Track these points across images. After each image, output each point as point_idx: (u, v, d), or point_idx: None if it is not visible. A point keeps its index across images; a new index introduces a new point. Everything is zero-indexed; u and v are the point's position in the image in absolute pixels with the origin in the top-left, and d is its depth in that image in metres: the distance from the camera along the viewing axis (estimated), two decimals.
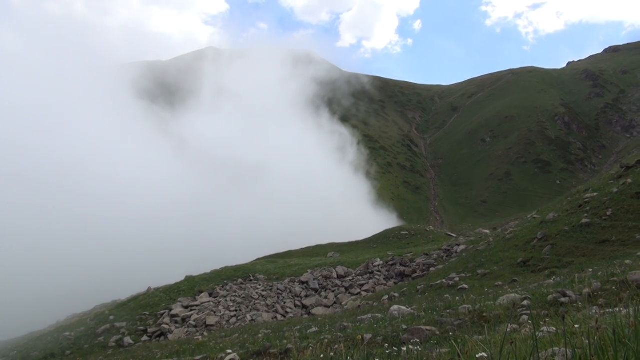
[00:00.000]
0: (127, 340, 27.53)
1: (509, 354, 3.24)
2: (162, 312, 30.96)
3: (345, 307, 28.69)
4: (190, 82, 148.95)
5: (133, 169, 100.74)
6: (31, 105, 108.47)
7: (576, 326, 4.22)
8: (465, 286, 19.96)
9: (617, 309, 6.25)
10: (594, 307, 7.13)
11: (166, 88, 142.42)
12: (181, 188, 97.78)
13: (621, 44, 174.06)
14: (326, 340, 9.88)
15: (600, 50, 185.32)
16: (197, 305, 31.45)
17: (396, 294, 24.67)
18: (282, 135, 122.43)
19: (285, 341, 11.93)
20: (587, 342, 2.82)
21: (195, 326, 28.64)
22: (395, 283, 32.38)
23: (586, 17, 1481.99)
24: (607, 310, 6.43)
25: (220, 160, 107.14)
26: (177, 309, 31.00)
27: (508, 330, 6.23)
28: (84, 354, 27.07)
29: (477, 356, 3.23)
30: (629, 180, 22.80)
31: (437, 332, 8.25)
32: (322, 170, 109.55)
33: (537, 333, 4.54)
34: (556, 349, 3.46)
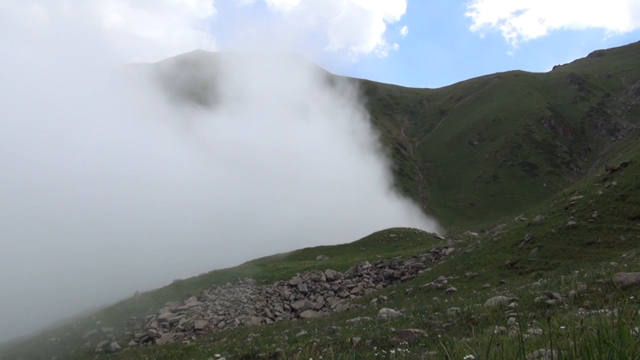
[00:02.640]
0: (114, 345, 27.21)
1: (496, 355, 3.27)
2: (150, 316, 30.65)
3: (334, 310, 28.69)
4: (189, 84, 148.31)
5: (131, 169, 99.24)
6: (32, 108, 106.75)
7: (562, 327, 4.27)
8: (454, 288, 20.07)
9: (603, 310, 6.32)
10: (580, 309, 7.20)
11: (168, 89, 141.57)
12: (181, 189, 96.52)
13: (605, 48, 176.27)
14: (315, 344, 9.87)
15: (582, 56, 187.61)
16: (185, 309, 31.20)
17: (385, 297, 24.72)
18: (290, 133, 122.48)
19: (274, 345, 11.89)
20: (573, 343, 2.85)
21: (183, 330, 28.40)
22: (384, 286, 32.45)
23: (568, 23, 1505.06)
24: (593, 311, 6.50)
25: (226, 158, 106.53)
26: (164, 313, 30.72)
27: (495, 332, 6.27)
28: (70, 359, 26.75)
29: (464, 358, 3.25)
30: (614, 183, 23.12)
31: (426, 335, 8.29)
32: (339, 160, 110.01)
33: (523, 335, 4.58)
34: (542, 350, 3.50)
